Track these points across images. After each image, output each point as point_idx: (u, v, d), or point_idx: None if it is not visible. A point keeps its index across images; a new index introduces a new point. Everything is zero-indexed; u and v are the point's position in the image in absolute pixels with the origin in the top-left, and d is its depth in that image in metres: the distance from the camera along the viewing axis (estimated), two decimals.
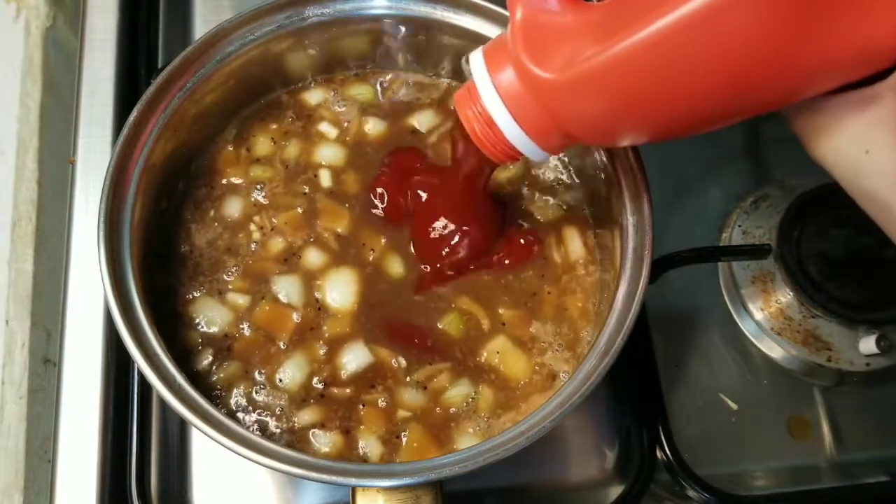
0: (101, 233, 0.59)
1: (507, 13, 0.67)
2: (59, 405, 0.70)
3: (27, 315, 0.76)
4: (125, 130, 0.62)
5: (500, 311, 0.67)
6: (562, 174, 0.73)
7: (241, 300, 0.67)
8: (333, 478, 0.53)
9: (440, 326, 0.67)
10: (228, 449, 0.54)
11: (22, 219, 0.79)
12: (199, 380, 0.63)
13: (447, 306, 0.67)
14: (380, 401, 0.64)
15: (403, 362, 0.65)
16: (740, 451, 0.75)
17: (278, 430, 0.63)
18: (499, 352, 0.66)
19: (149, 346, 0.57)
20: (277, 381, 0.64)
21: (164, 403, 0.61)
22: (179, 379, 0.57)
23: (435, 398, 0.64)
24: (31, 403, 0.74)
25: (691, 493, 0.69)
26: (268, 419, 0.63)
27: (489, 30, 0.69)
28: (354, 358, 0.65)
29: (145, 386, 0.69)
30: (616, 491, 0.70)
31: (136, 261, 0.61)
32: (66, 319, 0.72)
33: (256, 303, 0.67)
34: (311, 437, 0.63)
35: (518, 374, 0.65)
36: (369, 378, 0.64)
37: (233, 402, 0.63)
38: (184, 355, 0.64)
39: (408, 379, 0.64)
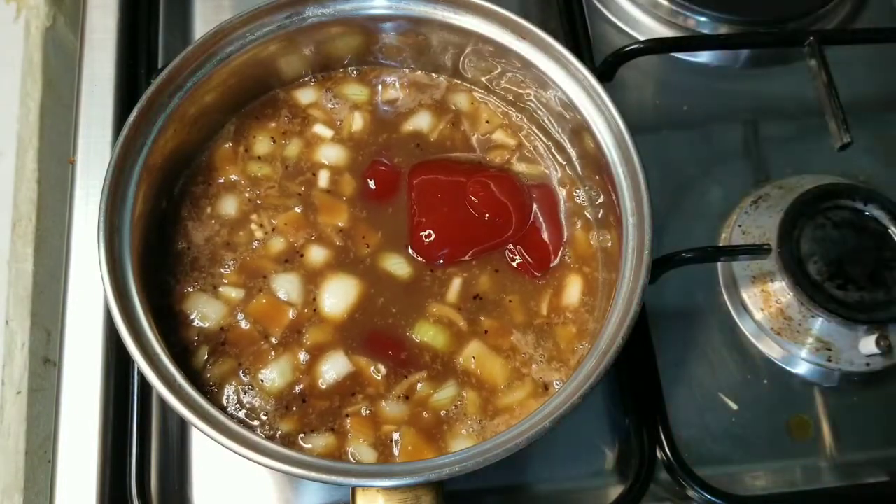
0: (101, 233, 0.59)
1: (507, 13, 0.68)
2: (59, 405, 0.70)
3: (27, 315, 0.76)
4: (125, 130, 0.62)
5: (482, 318, 0.68)
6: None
7: (234, 294, 0.67)
8: (333, 478, 0.53)
9: (415, 338, 0.66)
10: (228, 449, 0.54)
11: (22, 219, 0.79)
12: (194, 377, 0.64)
13: (421, 316, 0.67)
14: (363, 409, 0.64)
15: (383, 370, 0.65)
16: (740, 451, 0.74)
17: (266, 428, 0.63)
18: (475, 357, 0.66)
19: (149, 346, 0.57)
20: (260, 381, 0.64)
21: (164, 403, 0.61)
22: (179, 379, 0.57)
23: (422, 404, 0.64)
24: (31, 403, 0.74)
25: (691, 493, 0.69)
26: (254, 422, 0.63)
27: (489, 30, 0.69)
28: (333, 366, 0.65)
29: (145, 386, 0.69)
30: (616, 491, 0.70)
31: (136, 261, 0.61)
32: (66, 319, 0.72)
33: (252, 296, 0.67)
34: (299, 440, 0.63)
35: (496, 377, 0.65)
36: (349, 387, 0.64)
37: (223, 399, 0.64)
38: (181, 353, 0.64)
39: (389, 395, 0.64)
